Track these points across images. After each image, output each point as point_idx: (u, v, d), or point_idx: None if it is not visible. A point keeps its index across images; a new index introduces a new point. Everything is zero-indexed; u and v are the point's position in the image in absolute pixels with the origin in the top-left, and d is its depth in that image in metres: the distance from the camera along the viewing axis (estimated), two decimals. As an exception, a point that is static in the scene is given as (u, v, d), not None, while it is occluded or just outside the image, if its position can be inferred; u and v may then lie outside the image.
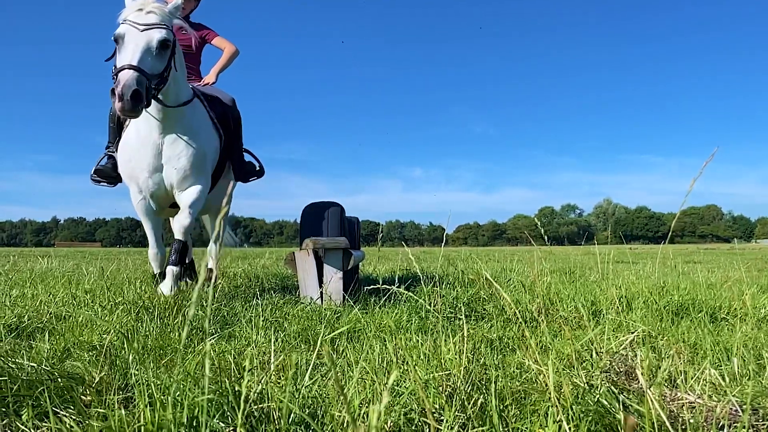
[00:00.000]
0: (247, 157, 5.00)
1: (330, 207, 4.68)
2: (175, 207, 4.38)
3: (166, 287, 4.01)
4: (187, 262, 5.04)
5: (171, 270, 4.06)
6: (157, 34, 3.60)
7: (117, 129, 4.35)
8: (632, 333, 2.45)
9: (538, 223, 1.85)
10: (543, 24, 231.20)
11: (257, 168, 5.03)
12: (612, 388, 1.56)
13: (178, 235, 4.18)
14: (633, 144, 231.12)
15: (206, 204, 4.45)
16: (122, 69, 3.39)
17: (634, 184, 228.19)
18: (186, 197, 4.17)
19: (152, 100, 3.65)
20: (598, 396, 1.45)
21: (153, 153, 4.01)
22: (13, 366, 1.83)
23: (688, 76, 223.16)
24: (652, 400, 1.22)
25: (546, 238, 2.18)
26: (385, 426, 1.43)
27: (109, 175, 4.40)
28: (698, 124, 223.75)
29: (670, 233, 2.17)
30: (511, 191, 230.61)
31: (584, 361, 2.01)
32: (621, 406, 1.39)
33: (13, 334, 2.74)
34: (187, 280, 5.29)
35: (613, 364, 1.90)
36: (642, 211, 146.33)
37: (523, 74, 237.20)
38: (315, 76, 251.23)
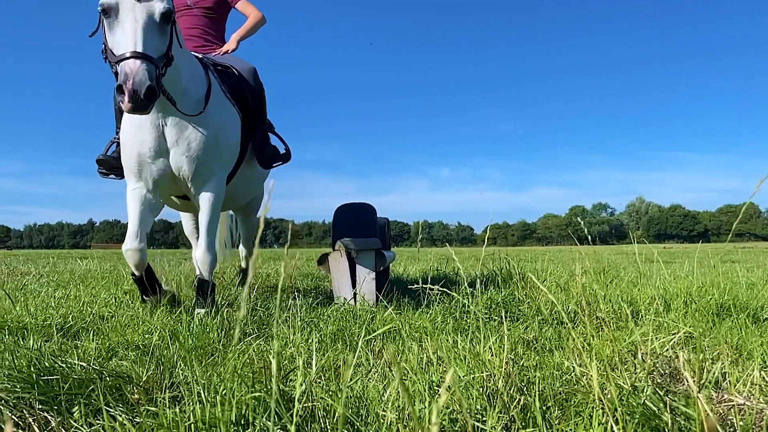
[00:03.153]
0: (273, 140, 4.25)
1: (362, 208, 4.71)
2: (186, 198, 3.78)
3: (201, 311, 3.39)
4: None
5: (200, 312, 3.31)
6: (159, 5, 2.95)
7: (120, 112, 3.69)
8: (674, 334, 2.41)
9: (581, 223, 1.83)
10: (571, 21, 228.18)
11: (282, 151, 4.23)
12: (657, 390, 1.54)
13: (204, 273, 3.53)
14: (666, 141, 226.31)
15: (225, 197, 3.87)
16: (126, 58, 2.77)
17: (667, 181, 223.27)
18: (202, 215, 3.57)
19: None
20: (644, 398, 1.43)
21: (154, 135, 3.34)
22: (63, 365, 1.89)
23: (723, 71, 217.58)
24: (702, 403, 1.20)
25: (589, 238, 2.16)
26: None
27: (113, 165, 3.70)
28: (733, 119, 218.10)
29: (731, 234, 2.13)
30: (541, 190, 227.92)
31: (626, 362, 1.98)
32: (668, 409, 1.37)
33: (59, 334, 2.82)
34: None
35: (657, 365, 1.87)
36: (676, 209, 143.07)
37: (550, 71, 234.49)
38: (341, 76, 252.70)
